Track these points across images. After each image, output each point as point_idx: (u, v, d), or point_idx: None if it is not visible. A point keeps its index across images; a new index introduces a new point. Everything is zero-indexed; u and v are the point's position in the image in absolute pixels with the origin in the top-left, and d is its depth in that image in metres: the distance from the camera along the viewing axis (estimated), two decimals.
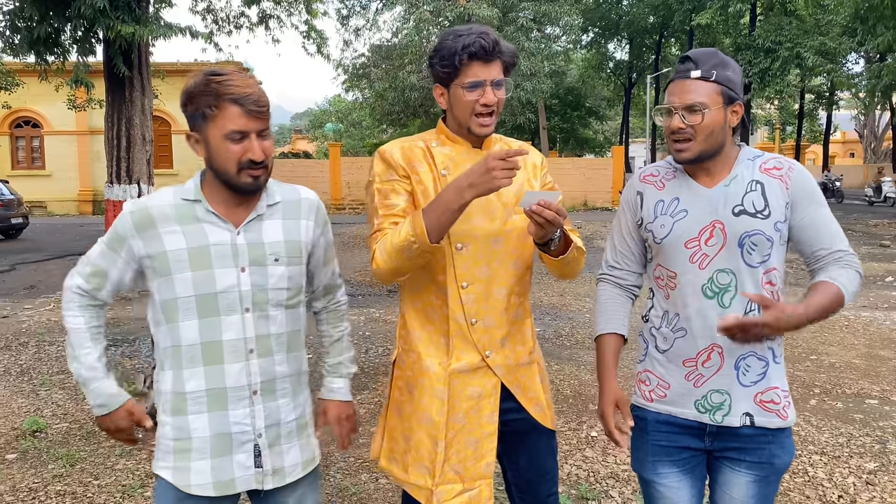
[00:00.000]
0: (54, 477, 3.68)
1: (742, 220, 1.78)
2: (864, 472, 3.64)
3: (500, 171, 1.67)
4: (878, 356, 5.92)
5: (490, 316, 1.94)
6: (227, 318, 1.69)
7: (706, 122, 1.75)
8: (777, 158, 1.86)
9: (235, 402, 1.71)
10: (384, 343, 6.49)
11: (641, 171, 2.00)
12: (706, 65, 1.76)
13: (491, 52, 1.85)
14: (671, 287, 1.86)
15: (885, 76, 19.31)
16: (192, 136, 1.69)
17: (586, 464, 3.78)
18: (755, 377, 1.81)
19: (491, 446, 1.94)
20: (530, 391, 2.01)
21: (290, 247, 1.78)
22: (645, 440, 1.93)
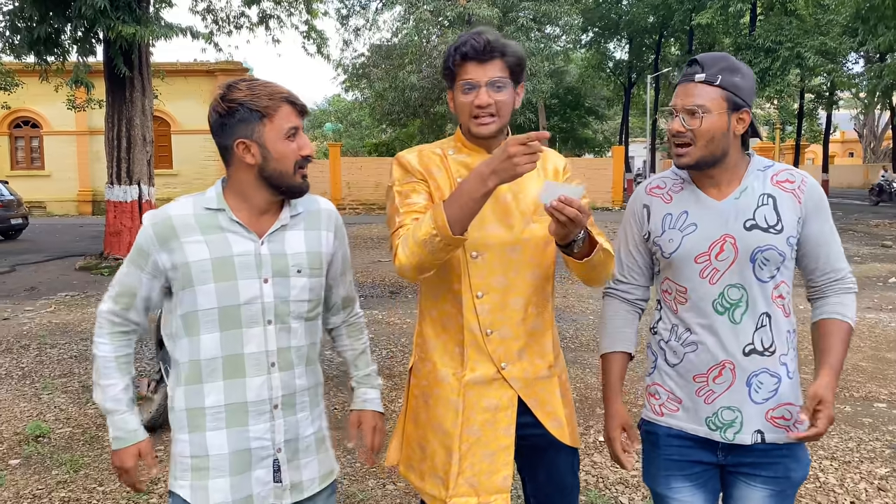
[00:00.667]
0: (58, 483, 3.65)
1: (754, 234, 1.74)
2: (876, 478, 3.62)
3: (522, 156, 1.59)
4: (884, 359, 5.90)
5: (506, 327, 1.89)
6: (250, 331, 1.67)
7: (705, 127, 1.71)
8: (789, 170, 1.82)
9: (256, 417, 1.68)
10: (387, 346, 6.45)
11: (647, 183, 1.95)
12: (712, 69, 1.72)
13: (483, 51, 1.81)
14: (681, 302, 1.82)
15: (886, 76, 19.29)
16: (242, 144, 1.64)
17: (595, 469, 3.75)
18: (767, 394, 1.77)
19: (507, 460, 1.90)
20: (548, 406, 1.95)
21: (312, 258, 1.75)
22: (657, 454, 1.89)
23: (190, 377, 1.68)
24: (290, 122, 1.65)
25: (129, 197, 12.06)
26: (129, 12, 10.70)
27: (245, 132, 1.63)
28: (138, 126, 11.98)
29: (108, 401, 1.72)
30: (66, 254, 13.53)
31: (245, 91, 1.62)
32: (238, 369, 1.66)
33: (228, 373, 1.66)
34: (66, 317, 7.93)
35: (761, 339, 1.76)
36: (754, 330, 1.75)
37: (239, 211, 1.69)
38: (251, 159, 1.65)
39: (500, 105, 1.85)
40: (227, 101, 1.63)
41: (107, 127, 12.11)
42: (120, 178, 12.05)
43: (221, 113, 1.63)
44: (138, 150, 12.05)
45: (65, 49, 11.98)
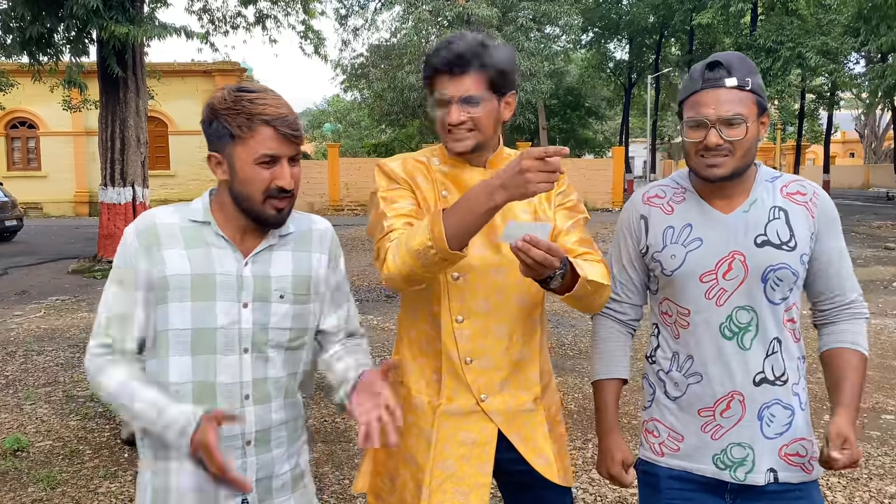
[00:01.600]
0: (34, 501, 3.50)
1: (766, 251, 1.58)
2: (886, 497, 3.47)
3: (537, 173, 1.40)
4: (891, 367, 5.75)
5: (488, 356, 1.73)
6: (224, 359, 1.51)
7: (748, 136, 1.55)
8: (799, 182, 1.67)
9: (225, 453, 1.49)
10: (382, 353, 6.31)
11: (644, 191, 1.77)
12: (741, 71, 1.55)
13: (456, 64, 1.63)
14: (682, 325, 1.66)
15: (888, 76, 19.15)
16: (214, 157, 1.51)
17: (593, 487, 3.60)
18: (780, 428, 1.62)
19: (482, 500, 1.73)
20: (532, 441, 1.78)
21: (298, 282, 1.59)
22: (657, 499, 1.72)
23: None
24: (267, 147, 1.46)
25: (123, 199, 11.91)
26: (123, 12, 10.55)
27: (217, 146, 1.50)
28: (132, 127, 11.84)
29: (147, 411, 1.46)
30: (59, 256, 13.39)
31: (228, 104, 1.47)
32: (208, 399, 1.51)
33: (197, 401, 1.50)
34: (56, 322, 7.79)
35: (772, 367, 1.61)
36: (765, 357, 1.60)
37: (224, 227, 1.55)
38: (222, 175, 1.51)
39: (477, 120, 1.67)
40: (208, 109, 1.50)
41: (100, 128, 11.97)
42: (114, 180, 11.90)
43: (202, 119, 1.52)
44: (132, 151, 11.90)
45: (58, 49, 11.84)
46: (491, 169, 1.77)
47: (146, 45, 12.19)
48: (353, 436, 4.33)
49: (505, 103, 1.73)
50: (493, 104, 1.70)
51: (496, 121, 1.72)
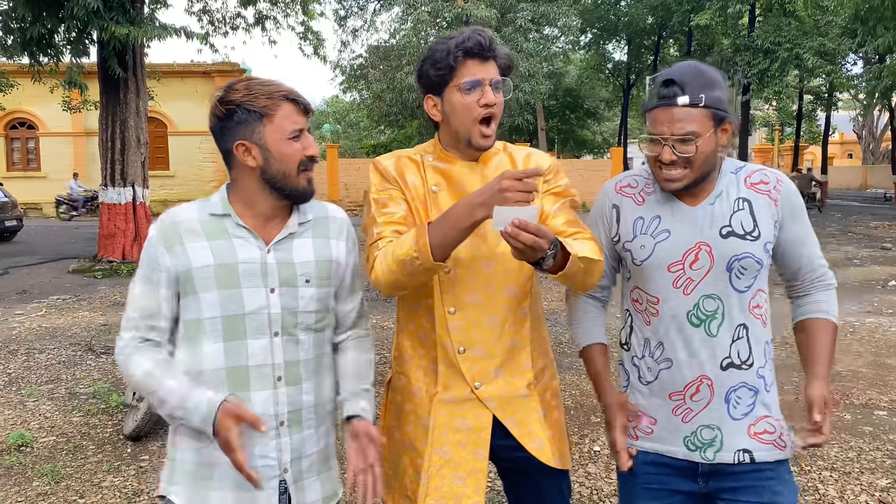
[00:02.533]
0: (38, 495, 3.56)
1: (730, 242, 1.65)
2: (877, 490, 3.53)
3: (515, 192, 1.49)
4: (885, 364, 5.81)
5: (480, 346, 1.79)
6: (255, 342, 1.57)
7: (700, 151, 1.61)
8: (762, 171, 1.73)
9: (261, 436, 1.57)
10: (382, 351, 6.36)
11: (617, 181, 1.83)
12: (693, 88, 1.59)
13: (488, 48, 1.72)
14: (652, 313, 1.72)
15: (885, 77, 19.21)
16: (242, 146, 1.56)
17: (589, 480, 3.66)
18: (746, 408, 1.69)
19: (479, 485, 1.79)
20: (527, 426, 1.83)
21: (321, 267, 1.66)
22: (634, 483, 1.79)
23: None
24: (293, 121, 1.57)
25: (124, 199, 11.96)
26: (123, 13, 10.60)
27: (244, 134, 1.56)
28: (132, 128, 11.89)
29: (170, 398, 1.52)
30: (59, 256, 13.43)
31: (242, 91, 1.55)
32: (242, 382, 1.57)
33: (232, 385, 1.56)
34: (57, 321, 7.84)
35: (738, 352, 1.67)
36: (731, 342, 1.67)
37: (244, 217, 1.61)
38: (252, 162, 1.57)
39: (500, 108, 1.76)
40: (224, 104, 1.56)
41: (101, 129, 12.01)
42: (114, 180, 11.95)
43: (220, 116, 1.57)
44: (132, 151, 11.95)
45: (58, 50, 11.89)
46: (483, 164, 1.82)
47: (146, 45, 12.24)
48: None
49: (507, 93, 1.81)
50: (503, 93, 1.78)
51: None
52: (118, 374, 5.64)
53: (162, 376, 1.55)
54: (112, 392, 5.08)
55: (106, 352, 6.34)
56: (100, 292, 9.65)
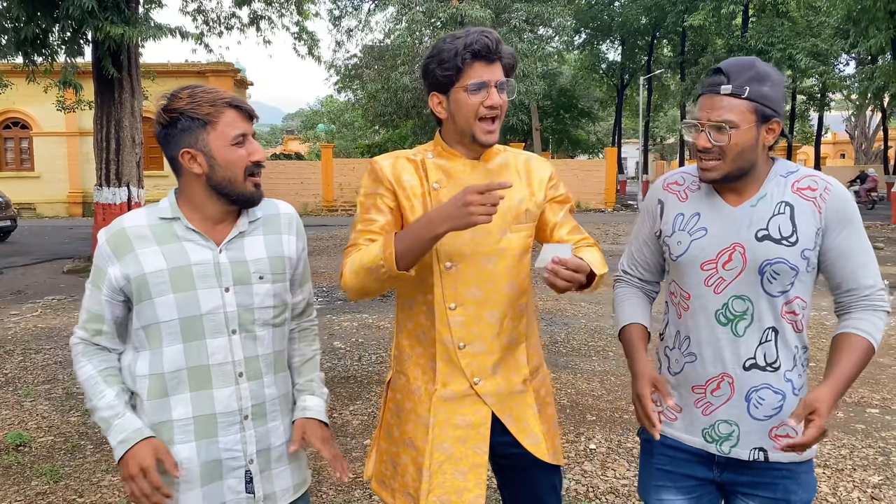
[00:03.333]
0: (37, 494, 3.57)
1: (765, 245, 1.65)
2: (869, 486, 3.57)
3: (479, 206, 1.57)
4: (876, 363, 5.86)
5: (480, 341, 1.83)
6: (213, 341, 1.62)
7: (733, 142, 1.62)
8: (813, 177, 1.69)
9: (226, 428, 1.63)
10: (377, 350, 6.39)
11: (666, 177, 1.87)
12: (738, 79, 1.61)
13: (494, 51, 1.75)
14: (683, 308, 1.76)
15: (877, 78, 19.32)
16: (187, 153, 1.59)
17: (585, 478, 3.69)
18: (770, 411, 1.70)
19: (479, 479, 1.83)
20: (523, 422, 1.88)
21: (274, 263, 1.70)
22: (650, 464, 1.84)
23: (154, 391, 1.63)
24: (236, 127, 1.60)
25: (119, 199, 11.93)
26: (118, 13, 10.59)
27: (189, 141, 1.58)
28: (127, 128, 11.86)
29: (103, 409, 1.62)
30: (54, 256, 13.41)
31: (186, 99, 1.58)
32: (204, 381, 1.62)
33: (195, 384, 1.61)
34: (53, 321, 7.83)
35: (764, 354, 1.69)
36: (758, 344, 1.68)
37: (194, 220, 1.64)
38: (198, 169, 1.60)
39: (504, 109, 1.80)
40: (167, 112, 1.59)
41: (95, 128, 11.98)
42: (109, 180, 11.93)
43: (164, 124, 1.59)
44: (127, 151, 11.93)
45: (53, 50, 11.85)
46: (484, 162, 1.86)
47: (141, 45, 12.21)
48: (350, 430, 4.41)
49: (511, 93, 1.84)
50: (507, 93, 1.81)
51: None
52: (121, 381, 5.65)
53: (102, 386, 1.64)
54: None
55: None
56: None
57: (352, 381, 5.46)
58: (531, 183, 1.90)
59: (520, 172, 1.90)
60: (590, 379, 5.45)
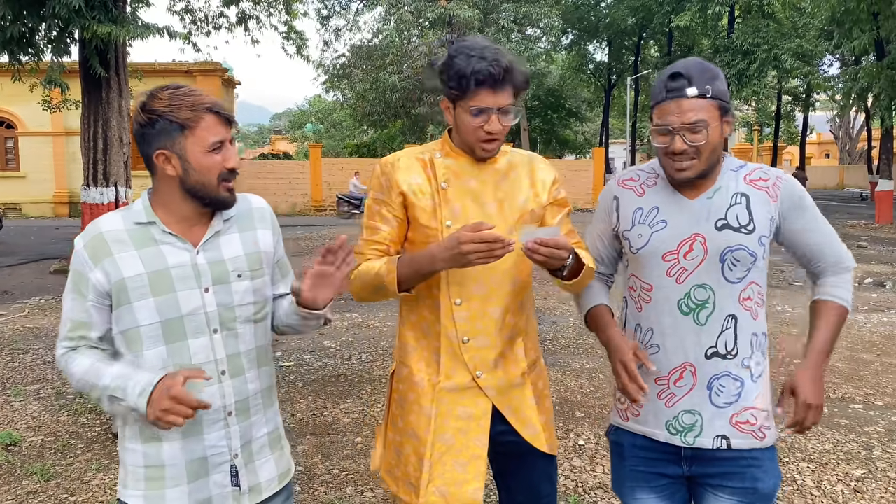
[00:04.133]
0: (28, 493, 3.57)
1: (725, 234, 1.72)
2: (852, 480, 3.64)
3: (476, 253, 1.68)
4: (860, 359, 5.95)
5: (483, 336, 1.88)
6: (195, 342, 1.63)
7: (710, 140, 1.69)
8: (762, 169, 1.80)
9: (210, 426, 1.65)
10: (367, 349, 6.41)
11: (620, 175, 1.93)
12: (701, 81, 1.68)
13: (501, 80, 1.79)
14: (645, 300, 1.81)
15: (861, 79, 19.53)
16: (162, 154, 1.58)
17: (574, 474, 3.74)
18: (730, 398, 1.75)
19: (479, 471, 1.88)
20: (522, 413, 1.94)
21: (252, 259, 1.71)
22: (623, 466, 1.88)
23: None
24: (215, 134, 1.58)
25: (106, 199, 11.87)
26: (105, 12, 10.53)
27: (165, 143, 1.58)
28: (115, 127, 11.80)
29: (112, 382, 1.55)
30: (41, 257, 13.32)
31: (165, 101, 1.57)
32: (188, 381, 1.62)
33: None
34: (41, 321, 7.80)
35: (725, 343, 1.74)
36: (719, 333, 1.74)
37: (169, 223, 1.64)
38: (172, 171, 1.59)
39: (505, 131, 1.87)
40: (146, 112, 1.58)
41: (83, 128, 11.92)
42: (96, 180, 11.86)
43: (142, 123, 1.59)
44: (115, 151, 11.87)
45: (39, 49, 11.78)
46: (491, 164, 1.92)
47: (129, 45, 12.16)
48: (340, 427, 4.43)
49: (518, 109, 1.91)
50: (514, 115, 1.88)
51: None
52: None
53: (102, 367, 1.60)
54: None
55: None
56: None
57: (342, 379, 5.48)
58: (535, 184, 1.95)
59: (525, 174, 1.96)
60: (578, 376, 5.50)
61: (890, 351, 6.23)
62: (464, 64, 1.78)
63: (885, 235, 16.40)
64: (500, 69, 1.77)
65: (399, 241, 1.93)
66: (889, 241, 15.28)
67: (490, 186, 1.90)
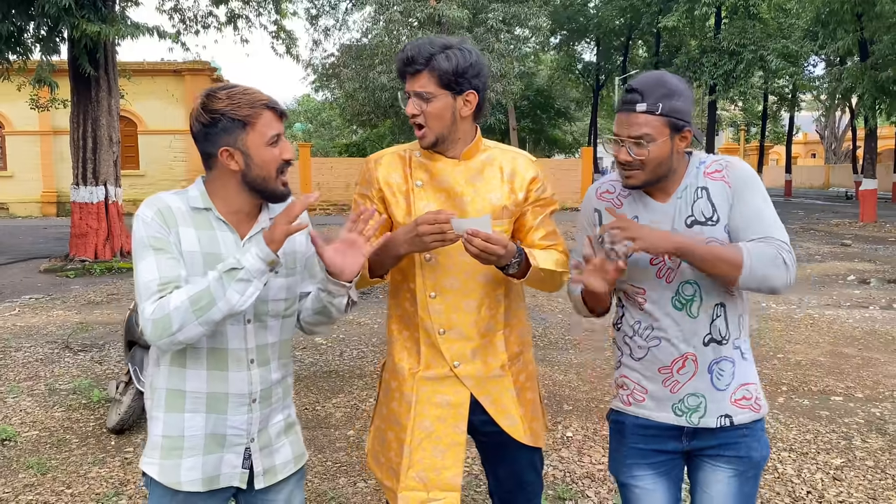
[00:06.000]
0: (25, 486, 3.62)
1: (696, 230, 1.81)
2: (831, 468, 3.75)
3: (430, 235, 1.77)
4: (841, 353, 6.08)
5: (458, 328, 1.95)
6: (232, 328, 1.72)
7: (653, 155, 1.77)
8: (717, 160, 1.88)
9: (235, 408, 1.74)
10: (359, 346, 6.48)
11: (597, 187, 2.00)
12: (652, 97, 1.75)
13: (409, 64, 1.88)
14: (642, 302, 1.90)
15: (845, 79, 19.76)
16: (226, 151, 1.66)
17: (562, 464, 3.82)
18: (728, 378, 1.86)
19: (458, 457, 1.95)
20: (500, 404, 2.00)
21: (287, 258, 1.80)
22: (623, 444, 1.97)
23: (175, 359, 1.71)
24: (272, 128, 1.68)
25: (96, 198, 11.88)
26: (95, 11, 10.54)
27: (228, 140, 1.66)
28: (104, 126, 11.81)
29: (221, 272, 1.57)
30: (29, 256, 13.28)
31: (225, 101, 1.65)
32: (221, 362, 1.72)
33: (212, 364, 1.71)
34: (31, 319, 7.81)
35: (718, 329, 1.85)
36: (711, 321, 1.84)
37: (223, 212, 1.73)
38: (235, 166, 1.68)
39: (427, 116, 1.88)
40: (209, 112, 1.66)
41: (72, 127, 11.91)
42: (86, 179, 11.86)
43: (205, 123, 1.67)
44: (104, 150, 11.88)
45: (27, 47, 11.75)
46: (465, 161, 1.97)
47: (118, 44, 12.15)
48: (332, 422, 4.50)
49: (464, 101, 1.91)
50: (445, 102, 1.88)
51: (449, 117, 1.90)
52: (98, 371, 5.69)
53: (202, 279, 1.59)
54: (93, 388, 5.13)
55: (84, 349, 6.37)
56: (73, 291, 9.60)
57: (334, 375, 5.55)
58: (513, 181, 2.00)
59: (503, 170, 2.00)
60: (566, 371, 5.59)
61: (871, 345, 6.37)
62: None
63: (868, 234, 16.61)
64: (406, 55, 1.88)
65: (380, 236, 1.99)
66: (872, 238, 15.49)
67: (463, 184, 1.95)
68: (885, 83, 17.99)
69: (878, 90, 18.50)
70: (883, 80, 17.91)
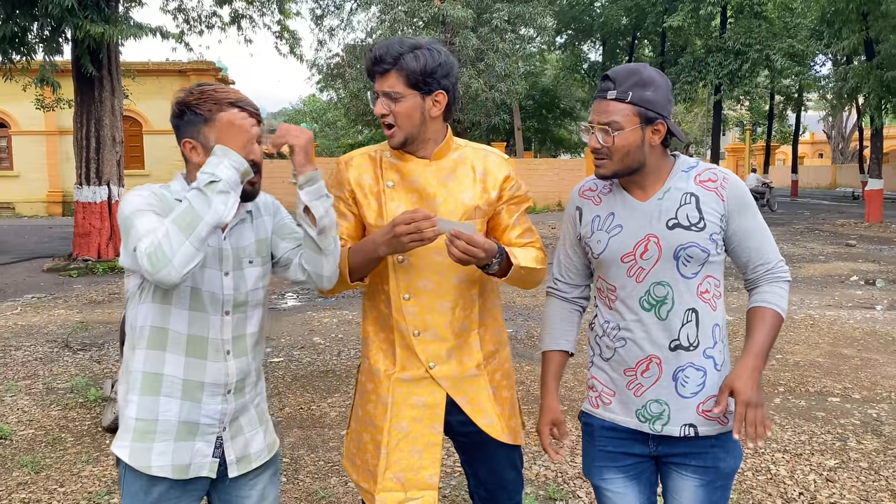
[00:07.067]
0: (18, 485, 3.64)
1: (677, 233, 1.81)
2: (825, 469, 3.73)
3: (407, 235, 1.76)
4: (840, 354, 6.05)
5: (433, 329, 1.95)
6: (211, 318, 1.74)
7: (618, 144, 1.77)
8: (711, 169, 1.87)
9: (210, 397, 1.76)
10: (356, 345, 6.48)
11: (581, 186, 2.02)
12: (623, 85, 1.76)
13: (378, 63, 1.88)
14: (612, 299, 1.90)
15: (851, 79, 19.66)
16: (189, 143, 1.72)
17: (554, 465, 3.82)
18: (695, 388, 1.83)
19: (435, 457, 1.95)
20: (477, 403, 2.00)
21: (261, 246, 1.83)
22: (593, 446, 1.96)
23: (154, 342, 1.72)
24: None
25: (99, 198, 11.93)
26: (98, 11, 10.59)
27: (191, 133, 1.72)
28: (108, 126, 11.86)
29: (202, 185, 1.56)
30: (33, 255, 13.34)
31: (195, 95, 1.71)
32: (200, 351, 1.74)
33: (191, 351, 1.73)
34: (33, 318, 7.85)
35: (687, 335, 1.83)
36: (681, 326, 1.82)
37: None
38: (196, 158, 1.72)
39: (396, 115, 1.88)
40: (177, 104, 1.73)
41: (75, 127, 11.96)
42: (89, 179, 11.91)
43: (174, 114, 1.74)
44: (108, 150, 11.92)
45: (31, 48, 11.81)
46: (436, 161, 1.97)
47: (121, 44, 12.20)
48: (327, 421, 4.51)
49: (433, 101, 1.90)
50: (414, 102, 1.88)
51: (418, 117, 1.90)
52: (95, 370, 5.71)
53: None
54: (90, 387, 5.15)
55: (83, 348, 6.40)
56: (75, 291, 9.65)
57: (330, 374, 5.56)
58: (486, 181, 1.99)
59: (475, 170, 1.99)
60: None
61: (870, 346, 6.34)
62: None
63: (873, 234, 16.53)
64: (372, 56, 1.88)
65: (357, 237, 2.00)
66: (877, 239, 15.42)
67: (435, 184, 1.95)
68: (890, 83, 17.90)
69: (884, 89, 18.41)
70: (888, 79, 17.82)
